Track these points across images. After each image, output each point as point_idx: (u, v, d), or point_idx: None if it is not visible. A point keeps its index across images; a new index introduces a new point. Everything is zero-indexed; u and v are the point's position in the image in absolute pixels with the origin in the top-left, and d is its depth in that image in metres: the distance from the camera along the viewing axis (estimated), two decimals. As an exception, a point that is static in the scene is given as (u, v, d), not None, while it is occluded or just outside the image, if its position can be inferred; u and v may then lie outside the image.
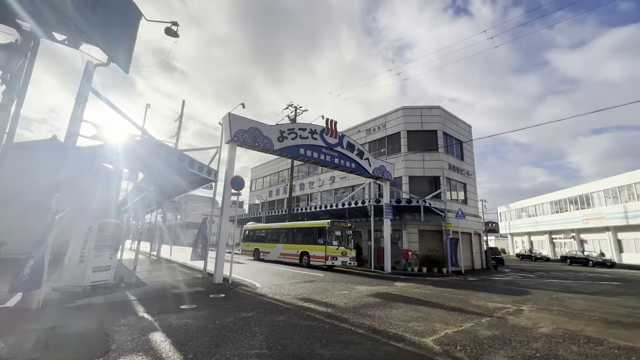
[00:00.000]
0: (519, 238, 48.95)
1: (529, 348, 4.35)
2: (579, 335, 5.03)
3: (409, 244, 17.92)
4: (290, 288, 8.93)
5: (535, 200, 44.19)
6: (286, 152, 12.34)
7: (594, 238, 33.58)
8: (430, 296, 8.52)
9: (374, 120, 23.01)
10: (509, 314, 6.56)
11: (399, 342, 4.44)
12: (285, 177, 32.52)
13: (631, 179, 28.45)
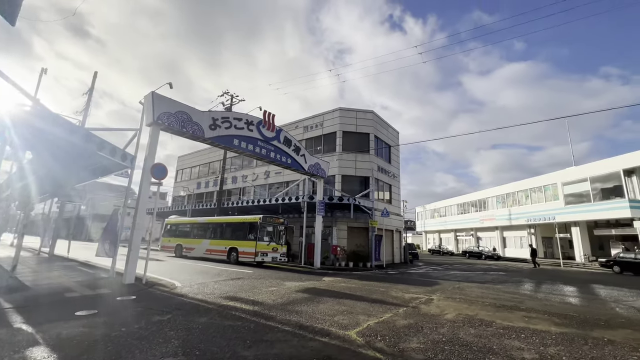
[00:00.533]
0: (431, 235, 55.51)
1: (437, 334, 4.86)
2: (475, 319, 5.85)
3: (338, 240, 18.64)
4: (215, 286, 8.38)
5: (445, 202, 50.66)
6: (219, 142, 11.54)
7: (487, 235, 40.07)
8: (355, 290, 8.95)
9: (312, 118, 23.24)
10: (422, 303, 7.29)
11: (324, 336, 4.50)
12: (216, 169, 30.63)
13: (514, 188, 34.78)
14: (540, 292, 9.84)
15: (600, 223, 26.64)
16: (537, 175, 32.52)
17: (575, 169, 27.63)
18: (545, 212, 29.29)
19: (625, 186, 23.05)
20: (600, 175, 25.07)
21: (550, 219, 28.41)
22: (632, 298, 9.03)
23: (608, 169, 24.38)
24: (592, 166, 26.11)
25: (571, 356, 4.03)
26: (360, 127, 21.53)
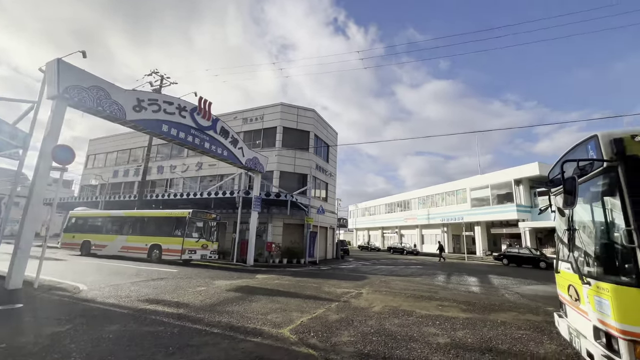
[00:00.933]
0: (361, 232, 59.00)
1: (366, 326, 5.13)
2: (399, 310, 6.37)
3: (273, 237, 18.40)
4: (132, 289, 7.44)
5: (375, 202, 54.40)
6: (144, 127, 10.25)
7: (409, 233, 44.31)
8: (289, 286, 8.93)
9: (253, 111, 22.44)
10: (352, 297, 7.64)
11: (257, 337, 4.35)
12: (139, 157, 27.32)
13: (433, 191, 39.23)
14: (450, 283, 11.24)
15: (495, 223, 31.78)
16: (451, 181, 37.22)
17: (480, 177, 32.40)
18: (456, 213, 33.73)
19: (515, 193, 27.97)
20: (497, 183, 29.89)
21: (459, 219, 32.81)
22: (516, 285, 10.97)
23: (503, 179, 29.23)
24: (492, 175, 30.96)
25: (474, 337, 4.67)
26: (301, 125, 21.59)
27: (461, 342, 4.43)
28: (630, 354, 2.60)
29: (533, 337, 4.77)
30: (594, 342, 3.12)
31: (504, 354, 4.02)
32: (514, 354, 4.03)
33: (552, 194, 4.71)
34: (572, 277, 3.59)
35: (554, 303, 7.56)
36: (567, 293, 3.85)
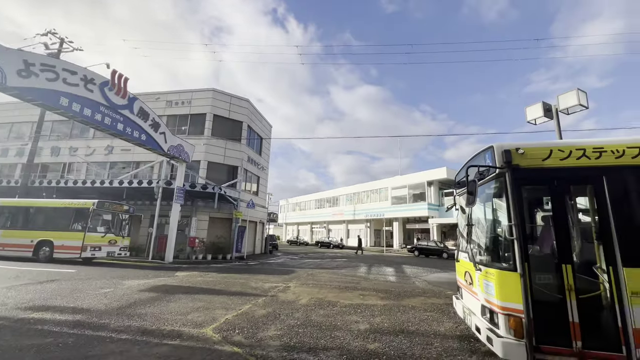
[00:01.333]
0: (291, 227, 59.50)
1: (293, 318, 5.20)
2: (324, 301, 6.63)
3: (197, 231, 17.16)
4: (10, 294, 6.07)
5: (305, 197, 55.48)
6: (34, 97, 8.38)
7: (336, 228, 46.50)
8: (214, 283, 8.46)
9: (179, 93, 20.41)
10: (280, 291, 7.65)
11: (175, 339, 4.01)
12: (24, 134, 22.30)
13: (359, 189, 41.96)
14: (371, 274, 12.20)
15: (410, 219, 35.65)
16: (375, 180, 40.31)
17: (400, 178, 35.86)
18: (378, 210, 36.71)
19: (427, 193, 31.81)
20: (413, 184, 33.55)
21: (381, 215, 35.83)
22: (424, 274, 12.52)
23: (418, 180, 32.95)
24: (409, 177, 34.60)
25: (390, 322, 5.16)
26: (234, 114, 20.55)
27: (379, 327, 4.85)
28: (505, 325, 3.21)
29: (436, 318, 5.51)
30: (481, 318, 3.75)
31: (413, 334, 4.55)
32: (420, 333, 4.58)
33: (456, 195, 5.47)
34: (468, 264, 4.24)
35: (454, 288, 8.85)
36: (464, 278, 4.54)
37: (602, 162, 3.32)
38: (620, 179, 3.25)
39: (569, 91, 7.40)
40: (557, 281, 3.27)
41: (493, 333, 3.34)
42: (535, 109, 8.05)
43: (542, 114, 7.89)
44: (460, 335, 4.55)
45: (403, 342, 4.20)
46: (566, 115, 7.61)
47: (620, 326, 2.98)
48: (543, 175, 3.47)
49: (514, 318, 3.16)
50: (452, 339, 4.38)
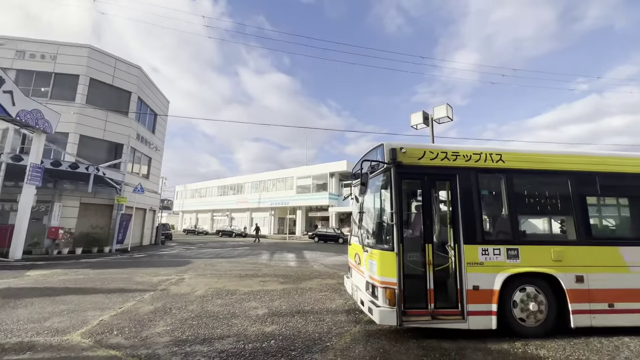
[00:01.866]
0: (189, 215, 54.64)
1: (186, 311, 4.86)
2: (223, 290, 6.42)
3: (62, 220, 13.91)
4: None
5: (207, 184, 51.77)
6: None
7: (239, 216, 45.11)
8: (84, 281, 7.10)
9: (39, 44, 15.78)
10: (172, 284, 7.01)
11: (23, 352, 3.23)
12: None
13: (266, 177, 41.73)
14: (273, 260, 12.41)
15: (313, 208, 37.63)
16: (282, 169, 40.74)
17: (305, 168, 37.27)
18: (284, 198, 37.36)
19: (328, 183, 34.09)
20: (317, 174, 35.42)
21: (285, 203, 36.58)
22: (322, 258, 13.50)
23: (321, 171, 34.95)
24: (314, 168, 36.35)
25: (288, 304, 5.41)
26: (120, 82, 17.26)
27: (277, 310, 5.02)
28: (383, 296, 3.79)
29: (329, 297, 6.06)
30: (365, 292, 4.32)
31: (308, 313, 4.90)
32: (315, 312, 4.97)
33: (352, 185, 6.07)
34: (358, 247, 4.80)
35: (346, 269, 9.85)
36: (354, 259, 5.12)
37: (457, 163, 4.24)
38: (466, 177, 4.22)
39: (441, 105, 9.16)
40: (422, 258, 4.05)
41: (373, 304, 3.90)
42: (417, 116, 9.63)
43: (422, 121, 9.50)
44: (348, 310, 5.14)
45: (299, 321, 4.47)
46: (438, 124, 9.38)
47: (459, 288, 3.93)
48: (418, 171, 4.20)
49: (390, 290, 3.77)
50: (341, 314, 4.91)
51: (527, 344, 3.75)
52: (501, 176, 4.35)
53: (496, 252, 4.00)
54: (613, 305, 4.05)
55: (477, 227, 4.06)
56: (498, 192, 4.48)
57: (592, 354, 3.51)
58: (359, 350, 3.50)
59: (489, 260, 3.97)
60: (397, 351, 3.49)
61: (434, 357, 3.35)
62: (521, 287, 4.01)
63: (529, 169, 4.39)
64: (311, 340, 3.74)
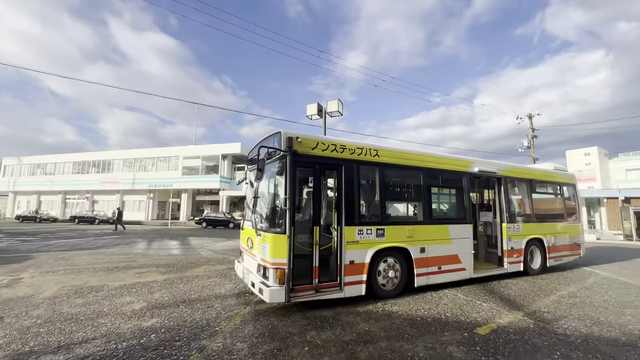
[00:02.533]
0: (25, 197, 41.91)
1: (29, 317, 3.89)
2: (84, 288, 5.39)
3: None
4: None
5: (57, 158, 40.75)
6: None
7: (105, 199, 37.55)
8: None
9: None
10: (3, 286, 5.41)
11: None
12: None
13: (143, 155, 35.96)
14: (151, 249, 11.04)
15: (201, 191, 34.93)
16: (165, 147, 35.92)
17: (194, 147, 33.99)
18: (166, 180, 33.20)
19: (220, 166, 32.22)
20: (208, 155, 32.90)
21: (168, 185, 32.64)
22: (211, 244, 12.87)
23: (213, 152, 32.64)
24: (204, 148, 33.56)
25: (171, 295, 5.02)
26: None
27: (158, 302, 4.61)
28: (274, 276, 4.02)
29: (218, 282, 5.93)
30: (256, 275, 4.47)
31: (195, 301, 4.70)
32: (202, 299, 4.81)
33: (248, 170, 6.03)
34: (250, 231, 4.86)
35: (237, 254, 9.74)
36: (246, 243, 5.17)
37: (344, 155, 4.80)
38: (350, 168, 4.83)
39: (333, 99, 9.97)
40: (310, 239, 4.46)
41: (264, 285, 4.09)
42: (312, 107, 10.19)
43: (316, 112, 10.13)
44: (238, 293, 5.19)
45: (184, 311, 4.25)
46: (330, 117, 10.21)
47: (338, 264, 4.55)
48: (311, 160, 4.54)
49: (280, 270, 4.03)
50: (231, 297, 4.92)
51: (385, 303, 4.71)
52: (376, 169, 5.18)
53: (369, 232, 4.79)
54: (441, 267, 5.50)
55: (355, 211, 4.74)
56: (373, 181, 5.32)
57: (426, 304, 4.71)
58: (248, 329, 3.64)
59: (363, 239, 4.72)
60: (284, 324, 3.81)
61: (316, 324, 3.82)
62: (384, 259, 4.96)
63: (396, 164, 5.38)
64: (199, 328, 3.64)
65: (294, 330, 3.63)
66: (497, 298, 5.14)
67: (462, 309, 4.52)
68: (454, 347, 3.25)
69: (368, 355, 3.04)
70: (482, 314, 4.30)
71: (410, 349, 3.19)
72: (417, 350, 3.15)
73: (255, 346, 3.20)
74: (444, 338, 3.47)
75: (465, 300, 4.96)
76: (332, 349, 3.17)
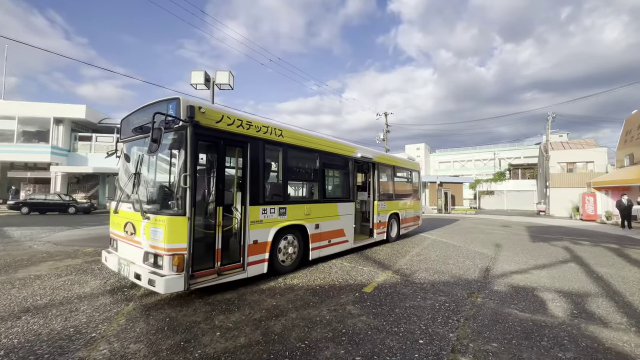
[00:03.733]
0: None
1: None
2: None
3: None
4: None
5: None
6: None
7: None
8: None
9: None
10: None
11: None
12: None
13: None
14: None
15: (18, 165, 25.59)
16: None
17: (3, 104, 24.23)
18: (-53, 147, 22.47)
19: (52, 133, 24.33)
20: (30, 117, 24.17)
21: (-48, 155, 22.25)
22: (46, 234, 9.79)
23: (40, 114, 24.17)
24: (23, 106, 24.41)
25: (1, 307, 3.64)
26: None
27: (-22, 318, 3.26)
28: (170, 264, 3.53)
29: (77, 280, 4.68)
30: (143, 265, 3.81)
31: (46, 307, 3.58)
32: (57, 304, 3.71)
33: (120, 141, 4.91)
34: (132, 215, 4.05)
35: (94, 244, 7.88)
36: (123, 230, 4.28)
37: (250, 132, 4.58)
38: (255, 146, 4.67)
39: (224, 71, 9.11)
40: (209, 221, 4.12)
41: (156, 275, 3.54)
42: (198, 75, 9.01)
43: (203, 81, 9.02)
44: (112, 290, 4.27)
45: (30, 323, 3.18)
46: (219, 89, 9.33)
47: (242, 244, 4.41)
48: (214, 134, 4.12)
49: (178, 256, 3.57)
50: (103, 296, 4.01)
51: (285, 278, 4.93)
52: (280, 149, 5.20)
53: (272, 211, 4.83)
54: (330, 241, 6.15)
55: (260, 190, 4.66)
56: (277, 161, 5.33)
57: (320, 274, 5.22)
58: (140, 327, 3.10)
59: (266, 218, 4.72)
60: (185, 314, 3.45)
61: (221, 308, 3.64)
62: (285, 237, 5.13)
63: (298, 145, 5.55)
64: (64, 339, 2.84)
65: (198, 319, 3.34)
66: (372, 262, 6.22)
67: (350, 274, 5.26)
68: (351, 306, 3.80)
69: (282, 327, 3.17)
70: (365, 276, 5.14)
71: (317, 314, 3.52)
72: (323, 314, 3.51)
73: (156, 343, 2.78)
74: (341, 300, 3.99)
75: (350, 267, 5.77)
76: (246, 328, 3.12)
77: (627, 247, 8.96)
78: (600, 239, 10.70)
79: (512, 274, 5.56)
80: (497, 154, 62.64)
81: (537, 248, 8.37)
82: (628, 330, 3.29)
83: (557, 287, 4.78)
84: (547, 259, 6.87)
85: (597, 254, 7.59)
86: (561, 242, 9.48)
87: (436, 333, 3.10)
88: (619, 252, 7.96)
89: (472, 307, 3.86)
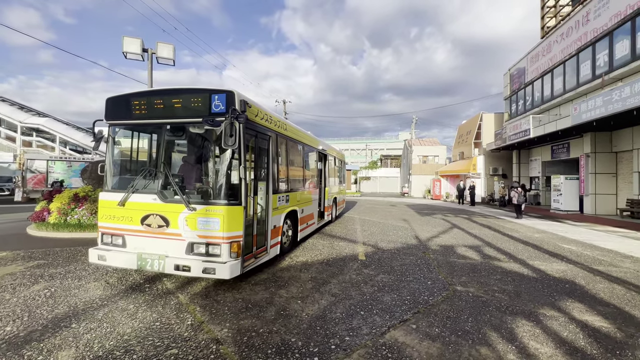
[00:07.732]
0: None
1: None
2: None
3: None
4: None
5: None
6: None
7: None
8: None
9: None
10: None
11: None
12: None
13: None
14: None
15: None
16: None
17: None
18: None
19: None
20: None
21: None
22: None
23: None
24: None
25: (7, 323, 2.95)
26: None
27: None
28: (229, 250, 3.75)
29: (72, 285, 3.95)
30: (187, 256, 3.82)
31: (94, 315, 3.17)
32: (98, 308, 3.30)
33: (118, 124, 4.34)
34: (159, 206, 3.90)
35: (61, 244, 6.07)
36: (142, 224, 3.98)
37: (272, 127, 4.92)
38: (276, 139, 5.05)
39: (167, 43, 7.99)
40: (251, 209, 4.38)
41: (214, 263, 3.69)
42: (133, 43, 7.58)
43: (139, 51, 7.68)
44: (133, 286, 3.93)
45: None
46: (157, 63, 8.14)
47: (266, 229, 4.81)
48: (252, 127, 4.33)
49: (236, 243, 3.83)
50: (136, 294, 3.72)
51: (290, 256, 5.58)
52: (285, 141, 5.67)
53: (283, 199, 5.34)
54: (307, 223, 7.01)
55: (278, 180, 5.11)
56: (285, 153, 5.76)
57: (312, 251, 6.08)
58: (224, 310, 3.34)
59: (280, 205, 5.22)
60: (248, 295, 3.80)
61: (274, 286, 4.12)
62: (286, 221, 5.71)
63: (295, 139, 6.15)
64: (167, 330, 2.85)
65: (266, 295, 3.78)
66: (340, 239, 7.45)
67: (335, 249, 6.34)
68: (365, 269, 4.95)
69: (338, 289, 4.02)
70: (348, 250, 6.34)
71: (348, 278, 4.49)
72: (352, 277, 4.52)
73: (261, 317, 3.19)
74: (353, 266, 5.08)
75: (328, 244, 6.84)
76: (314, 294, 3.83)
77: (471, 216, 13.44)
78: (454, 212, 15.38)
79: (433, 238, 7.93)
80: (368, 145, 74.07)
81: (430, 220, 11.57)
82: (508, 261, 5.75)
83: (461, 243, 7.30)
84: (441, 227, 9.83)
85: (462, 222, 11.25)
86: (438, 216, 13.27)
87: (430, 276, 4.65)
88: (471, 219, 12.01)
89: (433, 260, 5.67)
